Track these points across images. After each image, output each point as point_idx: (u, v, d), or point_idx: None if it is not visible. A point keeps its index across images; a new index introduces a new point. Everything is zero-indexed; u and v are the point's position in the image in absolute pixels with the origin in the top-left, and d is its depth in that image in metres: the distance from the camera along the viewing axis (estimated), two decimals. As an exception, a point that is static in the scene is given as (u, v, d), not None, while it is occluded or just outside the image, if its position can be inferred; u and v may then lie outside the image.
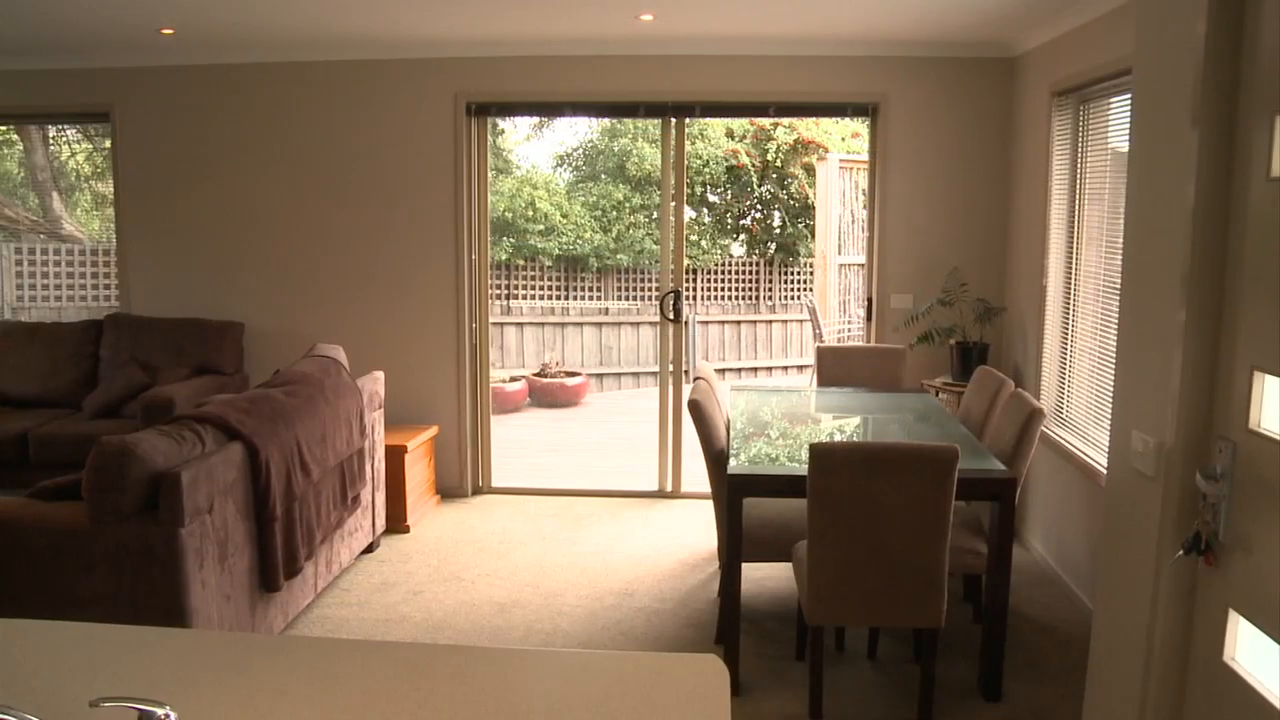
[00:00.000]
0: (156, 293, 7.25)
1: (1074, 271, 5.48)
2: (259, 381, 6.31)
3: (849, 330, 11.28)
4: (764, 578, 5.41)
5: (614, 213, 14.90)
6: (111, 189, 7.55)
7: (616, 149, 15.24)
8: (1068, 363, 5.57)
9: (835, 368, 6.21)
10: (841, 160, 11.65)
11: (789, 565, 4.58)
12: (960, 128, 6.52)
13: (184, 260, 7.20)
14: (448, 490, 7.07)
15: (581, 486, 7.44)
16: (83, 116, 7.69)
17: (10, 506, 3.99)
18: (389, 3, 5.51)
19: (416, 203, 6.89)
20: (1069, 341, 5.55)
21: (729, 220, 15.67)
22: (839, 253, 11.30)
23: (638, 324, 13.52)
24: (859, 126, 13.14)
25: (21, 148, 11.51)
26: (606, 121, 14.97)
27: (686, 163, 7.18)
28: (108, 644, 1.96)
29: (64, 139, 11.77)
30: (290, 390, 4.92)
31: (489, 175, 7.13)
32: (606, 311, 14.11)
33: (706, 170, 14.72)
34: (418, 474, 6.54)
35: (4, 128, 10.26)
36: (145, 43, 6.61)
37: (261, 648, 2.00)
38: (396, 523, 6.26)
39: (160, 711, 1.43)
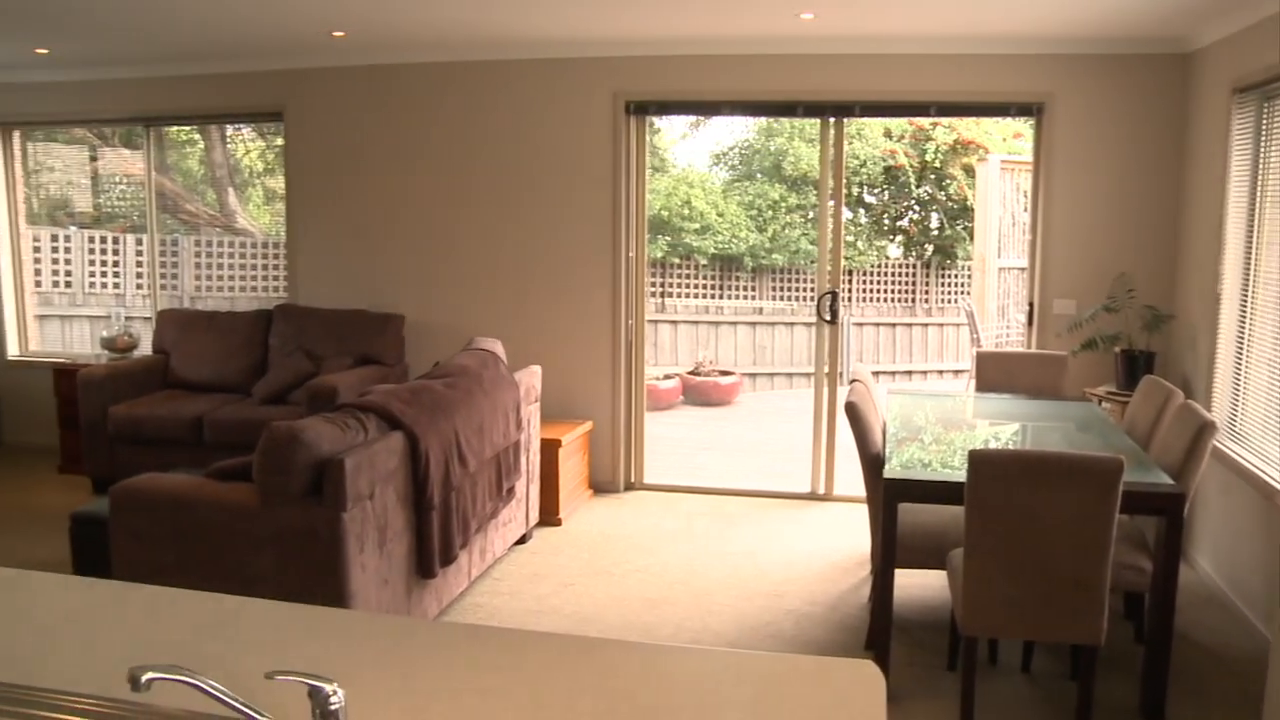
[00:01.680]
0: (322, 284, 7.52)
1: (1252, 278, 5.24)
2: (419, 373, 6.47)
3: (1007, 335, 11.04)
4: (917, 585, 5.33)
5: (769, 212, 14.83)
6: (281, 184, 7.85)
7: (773, 148, 15.16)
8: (1242, 373, 5.33)
9: (994, 373, 6.08)
10: (1003, 161, 11.41)
11: (943, 573, 4.50)
12: (1130, 127, 6.30)
13: (349, 253, 7.45)
14: (600, 485, 7.15)
15: (733, 486, 7.44)
16: (258, 116, 8.01)
17: (188, 485, 4.20)
18: (553, 3, 5.59)
19: (575, 200, 6.99)
20: (1244, 351, 5.31)
21: (886, 221, 15.46)
22: (998, 256, 11.06)
23: (792, 324, 13.44)
24: (1021, 126, 12.82)
25: (202, 146, 12.04)
26: (763, 120, 14.91)
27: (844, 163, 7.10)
28: (279, 620, 2.05)
29: (240, 137, 12.26)
30: (450, 382, 5.04)
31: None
32: (761, 311, 14.06)
33: (864, 170, 14.55)
34: (571, 468, 6.63)
35: (188, 128, 10.75)
36: (317, 45, 6.86)
37: (421, 631, 2.05)
38: (549, 515, 6.36)
39: (328, 688, 1.48)
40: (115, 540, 4.21)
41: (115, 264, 10.65)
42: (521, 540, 6.02)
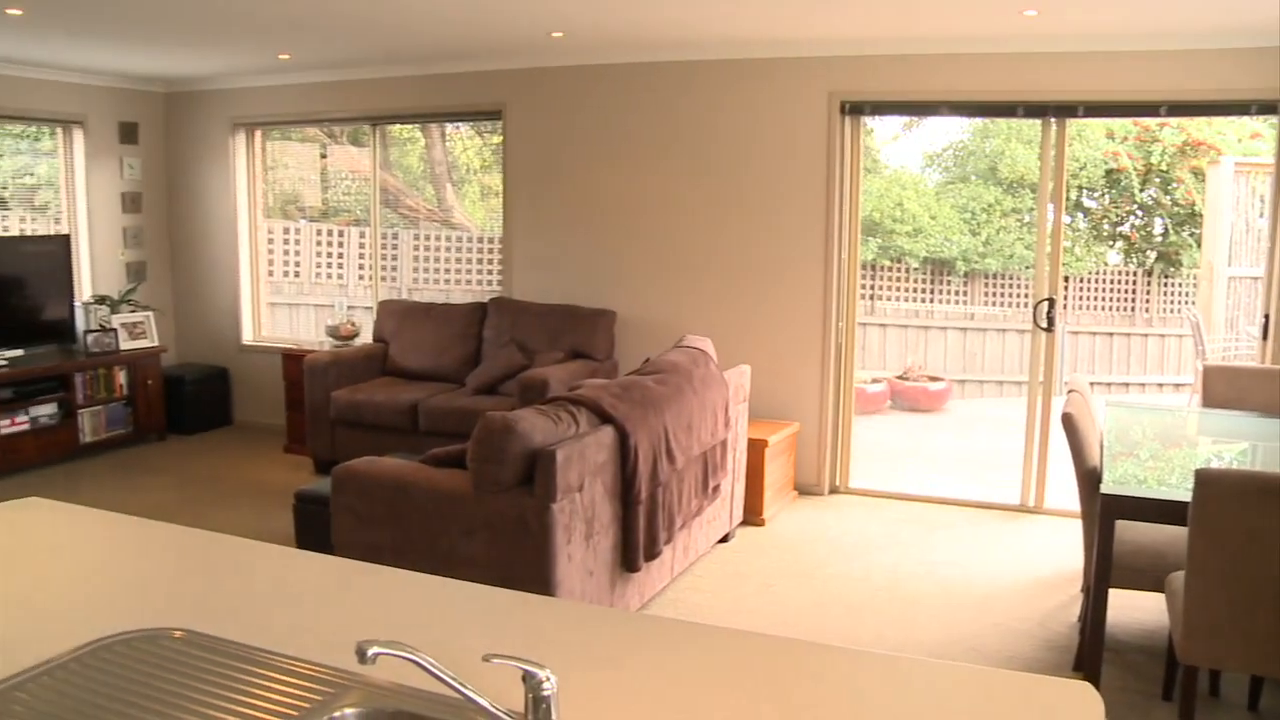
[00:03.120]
0: (536, 279, 7.71)
1: None
2: (629, 368, 6.55)
3: (1236, 349, 10.47)
4: (1132, 606, 5.09)
5: (984, 215, 14.43)
6: (496, 181, 8.05)
7: (988, 149, 14.74)
8: None
9: (1223, 388, 5.76)
10: (1237, 163, 10.81)
11: (1161, 596, 4.30)
12: (1386, 130, 5.88)
13: (562, 249, 7.62)
14: (805, 487, 7.10)
15: (940, 494, 7.27)
16: (478, 115, 8.24)
17: (406, 469, 4.37)
18: (770, 3, 5.57)
19: (787, 200, 6.96)
20: None
21: (1105, 226, 14.86)
22: (1229, 264, 10.50)
23: (1003, 330, 13.06)
24: (1260, 125, 12.11)
25: (423, 144, 12.49)
26: (978, 121, 14.52)
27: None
28: (490, 604, 2.12)
29: (458, 135, 12.66)
30: (660, 379, 5.08)
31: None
32: (972, 317, 13.72)
33: (1083, 173, 14.00)
34: (777, 469, 6.61)
35: (410, 126, 11.17)
36: (537, 46, 7.03)
37: (628, 624, 2.08)
38: (753, 515, 6.35)
39: (542, 673, 1.52)
40: (335, 518, 4.42)
41: (339, 255, 11.15)
42: (724, 539, 6.03)
